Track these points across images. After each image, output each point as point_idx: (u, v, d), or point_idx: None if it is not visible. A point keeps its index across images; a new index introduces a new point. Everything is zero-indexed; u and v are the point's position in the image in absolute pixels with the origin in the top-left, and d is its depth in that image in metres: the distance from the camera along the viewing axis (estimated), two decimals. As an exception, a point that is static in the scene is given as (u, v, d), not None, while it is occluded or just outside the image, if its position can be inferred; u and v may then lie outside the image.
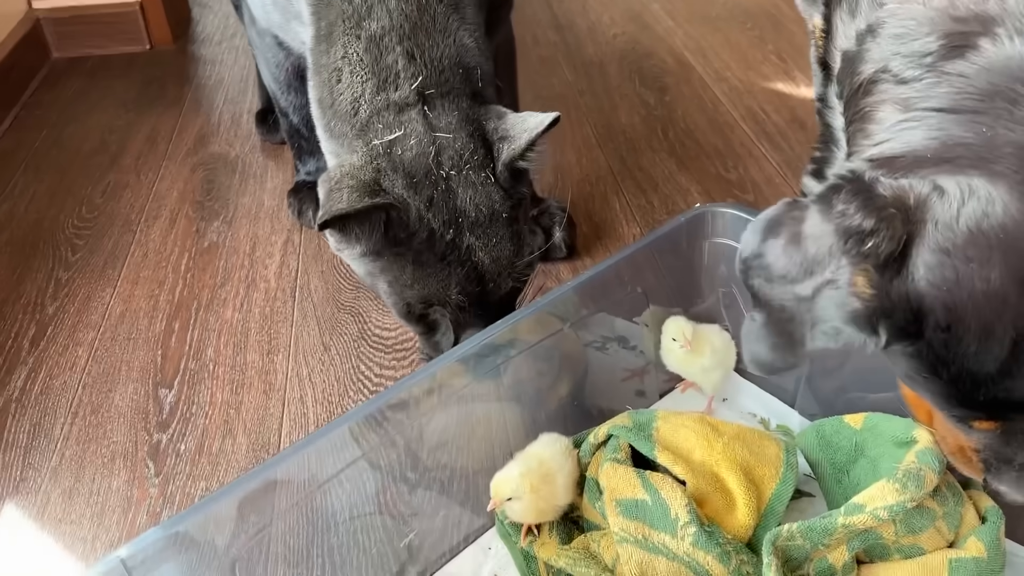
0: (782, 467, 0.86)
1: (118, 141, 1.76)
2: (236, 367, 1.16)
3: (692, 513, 0.77)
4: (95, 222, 1.50)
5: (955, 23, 0.64)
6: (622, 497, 0.81)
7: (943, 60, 0.63)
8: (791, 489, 0.84)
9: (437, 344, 1.03)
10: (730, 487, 0.83)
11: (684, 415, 0.90)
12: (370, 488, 0.96)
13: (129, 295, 1.32)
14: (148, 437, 1.07)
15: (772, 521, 0.83)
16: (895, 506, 0.73)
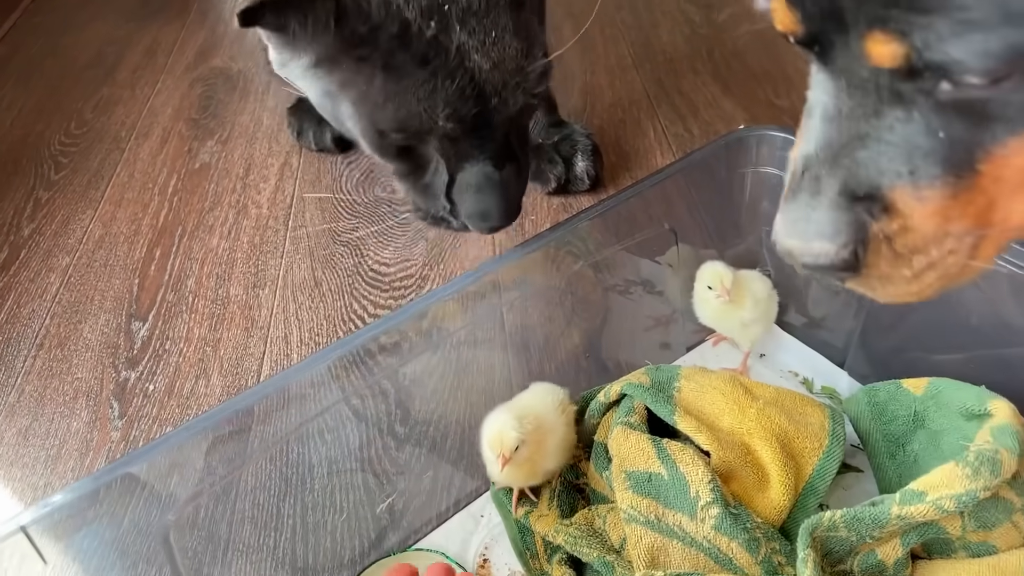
0: (827, 439, 0.73)
1: (116, 53, 1.64)
2: (217, 300, 1.05)
3: (716, 491, 0.64)
4: (83, 139, 1.39)
5: None
6: (633, 469, 0.68)
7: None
8: (836, 465, 0.71)
9: (428, 188, 0.82)
10: (763, 461, 0.70)
11: (712, 374, 0.77)
12: (353, 441, 0.85)
13: (111, 218, 1.21)
14: (115, 374, 0.97)
15: (812, 501, 0.70)
16: (964, 495, 0.59)
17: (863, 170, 0.42)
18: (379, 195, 1.21)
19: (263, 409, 0.78)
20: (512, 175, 0.80)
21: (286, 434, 0.80)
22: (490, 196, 0.79)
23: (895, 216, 0.42)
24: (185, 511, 0.75)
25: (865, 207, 0.42)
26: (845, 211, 0.43)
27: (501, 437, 0.71)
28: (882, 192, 0.42)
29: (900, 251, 0.43)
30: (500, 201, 0.81)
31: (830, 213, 0.43)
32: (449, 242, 1.12)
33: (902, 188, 0.42)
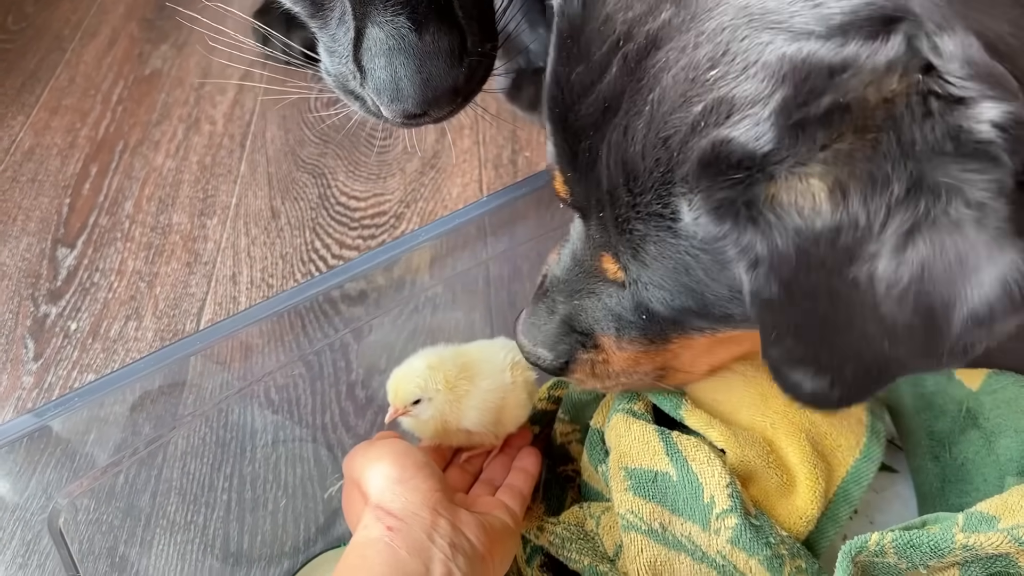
0: (864, 435, 0.61)
1: (65, -59, 1.46)
2: (157, 228, 0.91)
3: (735, 497, 0.53)
4: (20, 35, 1.22)
5: None
6: (636, 466, 0.56)
7: None
8: (875, 468, 0.60)
9: (332, 41, 0.67)
10: (789, 461, 0.59)
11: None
12: (304, 404, 0.74)
13: (44, 127, 1.05)
14: (34, 309, 0.83)
15: (844, 510, 0.59)
16: None
17: (584, 314, 0.52)
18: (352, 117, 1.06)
19: (202, 360, 0.66)
20: (443, 45, 0.61)
21: (227, 392, 0.68)
22: (403, 63, 0.61)
23: (600, 352, 0.53)
24: (103, 477, 0.64)
25: (580, 338, 0.53)
26: (566, 335, 0.53)
27: (397, 386, 0.59)
28: (594, 333, 0.53)
29: (597, 374, 0.54)
30: (417, 73, 0.61)
31: (555, 333, 0.54)
32: (430, 177, 0.98)
33: (608, 337, 0.52)
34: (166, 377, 0.64)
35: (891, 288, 0.34)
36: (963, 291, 0.33)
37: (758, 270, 0.36)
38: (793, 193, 0.34)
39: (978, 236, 0.33)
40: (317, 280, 0.67)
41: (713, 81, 0.36)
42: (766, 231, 0.35)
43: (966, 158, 0.33)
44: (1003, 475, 0.61)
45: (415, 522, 0.49)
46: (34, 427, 0.59)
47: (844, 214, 0.34)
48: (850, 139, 0.33)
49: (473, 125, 1.05)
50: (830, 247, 0.34)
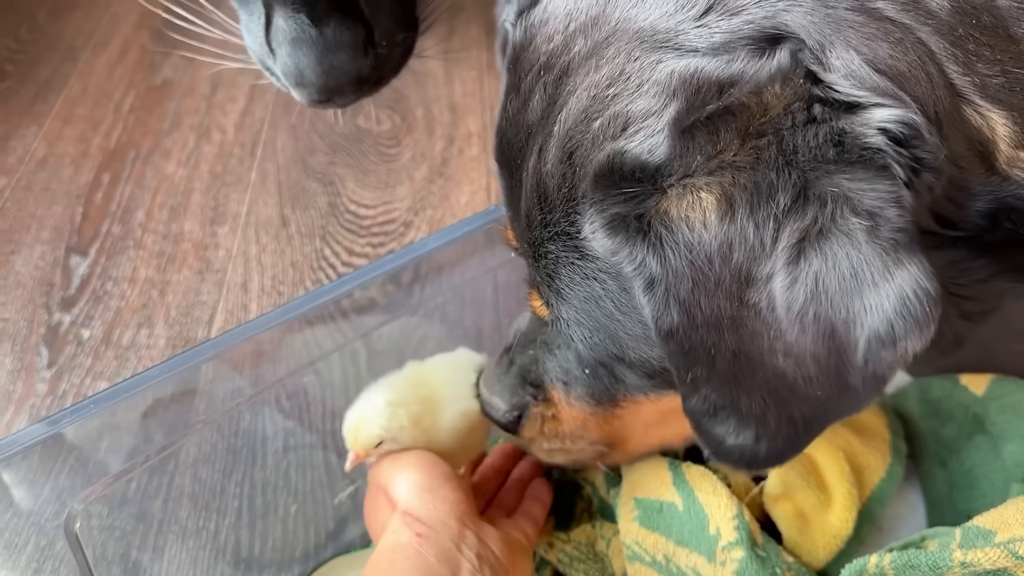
0: (889, 455, 0.62)
1: (77, -48, 1.47)
2: (169, 237, 0.91)
3: (741, 529, 0.53)
4: (33, 46, 1.24)
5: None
6: (644, 496, 0.56)
7: None
8: (896, 487, 0.60)
9: (249, 23, 0.71)
10: (828, 479, 0.59)
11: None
12: (315, 411, 0.74)
13: (57, 136, 1.06)
14: (48, 317, 0.84)
15: (866, 529, 0.59)
16: None
17: (535, 365, 0.52)
18: (361, 126, 1.07)
19: (213, 368, 0.66)
20: (344, 39, 0.65)
21: (238, 399, 0.69)
22: (304, 54, 0.65)
23: (551, 406, 0.53)
24: (116, 484, 0.64)
25: (533, 391, 0.52)
26: (521, 388, 0.53)
27: (357, 430, 0.55)
28: (546, 387, 0.52)
29: (546, 433, 0.54)
30: (317, 64, 0.65)
31: (512, 385, 0.53)
32: (438, 185, 0.98)
33: (558, 391, 0.51)
34: (178, 385, 0.65)
35: (790, 310, 0.33)
36: (862, 308, 0.32)
37: (655, 291, 0.34)
38: (683, 205, 0.34)
39: (872, 247, 0.32)
40: (327, 288, 0.68)
41: (611, 98, 0.37)
42: (657, 246, 0.34)
43: (852, 166, 0.32)
44: (1009, 481, 0.61)
45: (444, 530, 0.49)
46: (48, 435, 0.59)
47: (733, 227, 0.33)
48: (735, 148, 0.33)
49: (481, 133, 1.06)
50: (724, 265, 0.33)
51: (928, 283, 0.31)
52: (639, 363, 0.43)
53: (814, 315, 0.33)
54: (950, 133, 0.35)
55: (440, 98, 1.12)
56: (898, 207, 0.31)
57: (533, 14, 0.44)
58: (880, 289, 0.32)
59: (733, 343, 0.35)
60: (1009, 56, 0.35)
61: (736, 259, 0.33)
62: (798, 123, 0.32)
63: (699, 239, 0.33)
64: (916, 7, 0.35)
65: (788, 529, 0.57)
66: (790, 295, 0.33)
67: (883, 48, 0.34)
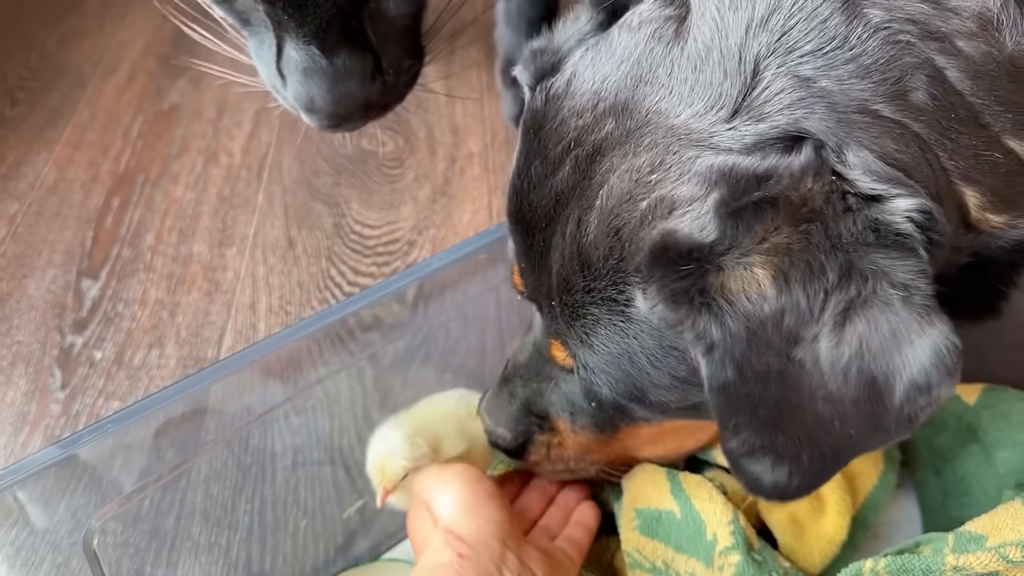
0: (882, 463, 0.63)
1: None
2: (178, 259, 0.93)
3: (737, 534, 0.54)
4: (43, 73, 1.26)
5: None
6: (644, 505, 0.58)
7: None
8: (889, 493, 0.62)
9: (259, 48, 0.73)
10: (822, 488, 0.60)
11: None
12: (323, 427, 0.75)
13: (67, 162, 1.09)
14: (60, 339, 0.86)
15: (861, 535, 0.61)
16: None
17: (540, 398, 0.56)
18: (365, 148, 1.10)
19: (223, 388, 0.68)
20: (354, 68, 0.68)
21: (248, 417, 0.70)
22: (315, 83, 0.67)
23: (556, 435, 0.57)
24: (130, 502, 0.66)
25: (538, 421, 0.57)
26: (524, 418, 0.57)
27: (383, 466, 0.58)
28: (551, 417, 0.56)
29: (552, 458, 0.58)
30: (328, 93, 0.67)
31: (516, 415, 0.57)
32: (441, 205, 1.00)
33: (564, 420, 0.56)
34: (189, 404, 0.66)
35: (835, 366, 0.38)
36: (901, 362, 0.37)
37: (714, 354, 0.39)
38: (740, 281, 0.38)
39: (908, 312, 0.37)
40: (333, 308, 0.70)
41: (655, 183, 0.41)
42: (719, 316, 0.38)
43: (888, 248, 0.38)
44: (1002, 488, 0.62)
45: (485, 551, 0.49)
46: (63, 456, 0.61)
47: (787, 298, 0.38)
48: (785, 232, 0.38)
49: (482, 153, 1.08)
50: (776, 329, 0.38)
51: (955, 338, 0.37)
52: (657, 405, 0.48)
53: (858, 369, 0.38)
54: (947, 208, 0.41)
55: (442, 119, 1.14)
56: (925, 278, 0.37)
57: (556, 84, 0.47)
58: (915, 345, 0.37)
59: (777, 393, 0.39)
60: (981, 142, 0.41)
61: (787, 324, 0.38)
62: (838, 212, 0.38)
63: (756, 308, 0.38)
64: (907, 106, 0.39)
65: (783, 535, 0.58)
66: (836, 354, 0.38)
67: (889, 144, 0.39)
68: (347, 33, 0.66)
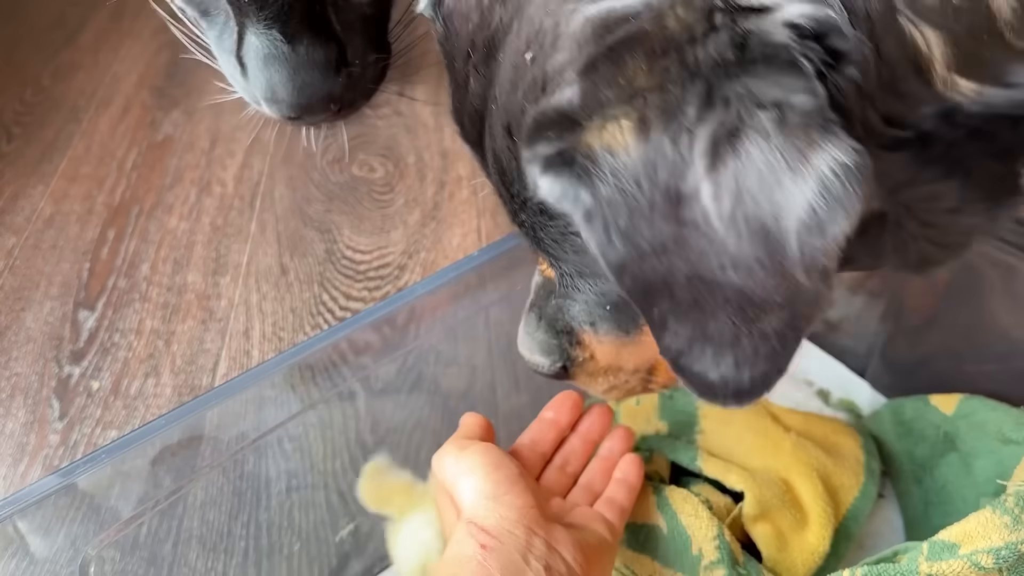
0: (863, 474, 0.64)
1: (79, 15, 1.52)
2: (173, 288, 0.95)
3: (722, 549, 0.55)
4: (38, 107, 1.28)
5: None
6: (632, 520, 0.59)
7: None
8: (871, 504, 0.63)
9: (219, 36, 0.71)
10: (804, 499, 0.62)
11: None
12: (316, 451, 0.77)
13: (63, 195, 1.10)
14: (58, 370, 0.87)
15: (844, 546, 0.62)
16: (1003, 549, 0.51)
17: (563, 314, 0.53)
18: (356, 174, 1.11)
19: (218, 414, 0.69)
20: (317, 57, 0.66)
21: (242, 443, 0.72)
22: (277, 71, 0.66)
23: (585, 348, 0.54)
24: (127, 529, 0.67)
25: (567, 338, 0.54)
26: (554, 339, 0.55)
27: (425, 566, 0.58)
28: (575, 331, 0.54)
29: (591, 372, 0.55)
30: (289, 81, 0.66)
31: (545, 338, 0.55)
32: (431, 228, 1.02)
33: (587, 332, 0.53)
34: (184, 432, 0.68)
35: (722, 218, 0.32)
36: (783, 197, 0.31)
37: (593, 225, 0.34)
38: (603, 136, 0.34)
39: (781, 136, 0.31)
40: (325, 334, 0.71)
41: (530, 62, 0.37)
42: (586, 179, 0.34)
43: (755, 64, 0.32)
44: (980, 496, 0.63)
45: (510, 541, 0.47)
46: (62, 485, 0.62)
47: (650, 147, 0.33)
48: (643, 75, 0.33)
49: (471, 176, 1.10)
50: (653, 187, 0.33)
51: (847, 158, 0.31)
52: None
53: (744, 218, 0.32)
54: (883, 36, 0.34)
55: (431, 144, 1.16)
56: (808, 95, 0.31)
57: (445, 1, 0.44)
58: (797, 175, 0.31)
59: (684, 267, 0.35)
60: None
61: (662, 178, 0.33)
62: (698, 35, 0.32)
63: (623, 165, 0.34)
64: None
65: (767, 547, 0.59)
66: (719, 204, 0.32)
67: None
68: (310, 19, 0.64)
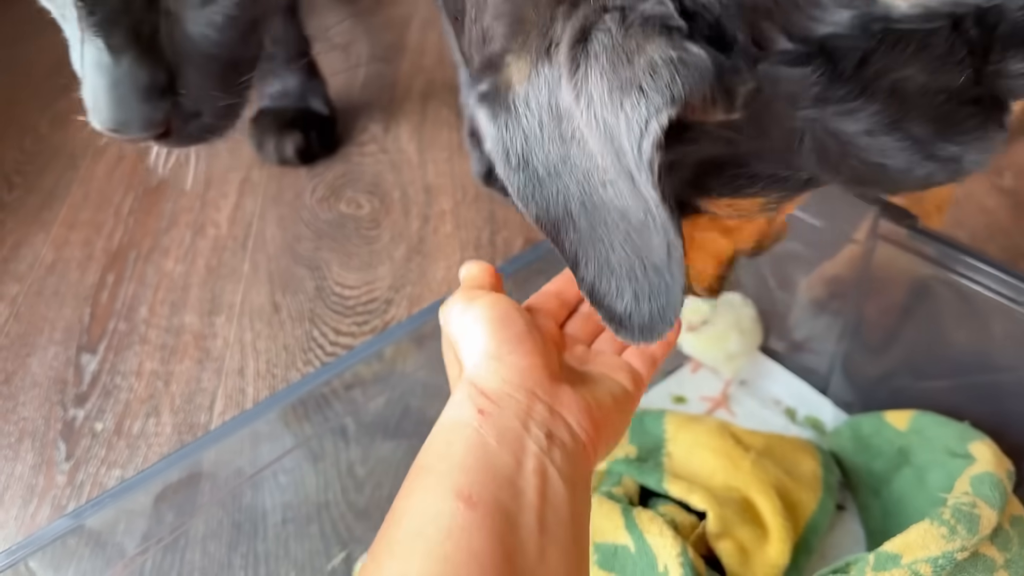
0: (821, 489, 0.69)
1: (74, 63, 1.57)
2: (171, 330, 0.99)
3: (686, 566, 0.59)
4: (38, 156, 1.33)
5: None
6: (602, 540, 0.63)
7: None
8: (828, 518, 0.67)
9: (72, 43, 0.70)
10: (764, 515, 0.66)
11: (699, 426, 0.72)
12: (309, 483, 0.81)
13: (64, 242, 1.15)
14: (63, 413, 0.92)
15: (804, 558, 0.66)
16: (940, 558, 0.55)
17: None
18: (343, 211, 1.16)
19: (216, 453, 0.74)
20: (138, 77, 0.64)
21: (240, 479, 0.76)
22: (100, 81, 0.65)
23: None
24: (133, 565, 0.71)
25: None
26: None
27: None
28: None
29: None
30: (107, 93, 0.65)
31: None
32: (416, 263, 1.07)
33: None
34: (185, 471, 0.72)
35: (588, 125, 0.34)
36: (618, 97, 0.33)
37: (497, 152, 0.37)
38: (510, 72, 0.37)
39: (621, 37, 0.33)
40: (316, 373, 0.75)
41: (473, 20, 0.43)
42: (498, 111, 0.37)
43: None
44: (933, 507, 0.67)
45: (509, 406, 0.43)
46: (71, 528, 0.67)
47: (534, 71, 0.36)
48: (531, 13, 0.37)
49: (454, 210, 1.14)
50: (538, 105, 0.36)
51: (673, 52, 0.32)
52: None
53: (600, 121, 0.33)
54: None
55: (415, 180, 1.21)
56: (655, 2, 0.33)
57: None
58: (626, 71, 0.32)
59: (576, 190, 0.36)
60: None
61: (543, 97, 0.35)
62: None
63: (520, 93, 0.36)
64: None
65: (730, 562, 0.63)
66: (583, 111, 0.33)
67: None
68: (137, 37, 0.64)
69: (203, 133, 0.73)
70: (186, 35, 0.66)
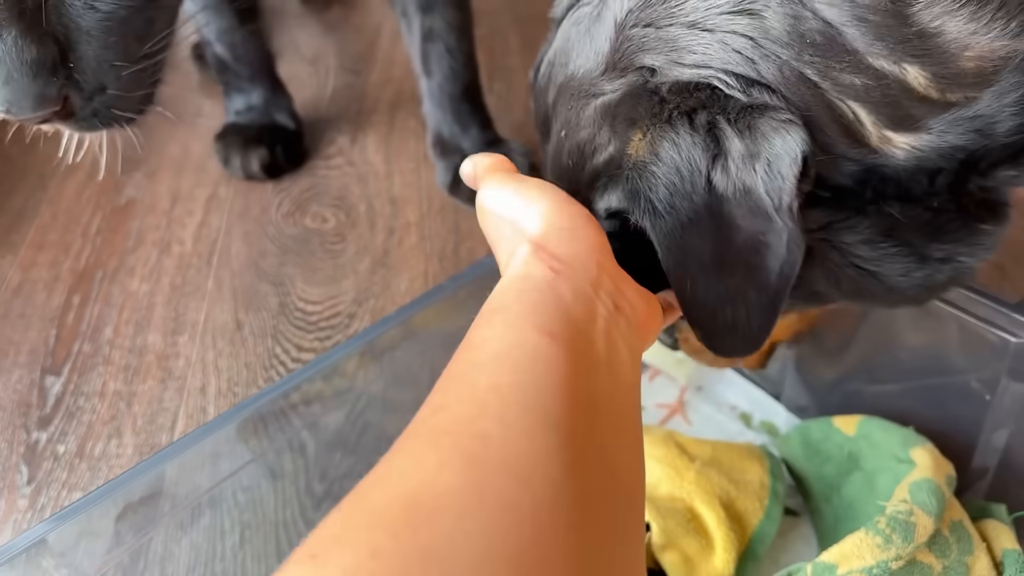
0: (767, 497, 0.69)
1: (45, 82, 1.58)
2: (134, 350, 1.00)
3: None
4: (7, 178, 1.33)
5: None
6: None
7: None
8: (776, 526, 0.67)
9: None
10: (708, 525, 0.66)
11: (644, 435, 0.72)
12: (267, 502, 0.81)
13: (31, 263, 1.15)
14: (26, 436, 0.92)
15: (751, 567, 0.66)
16: (874, 568, 0.56)
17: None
18: (309, 225, 1.16)
19: (175, 469, 0.74)
20: (26, 54, 0.62)
21: (198, 496, 0.76)
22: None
23: (680, 331, 0.69)
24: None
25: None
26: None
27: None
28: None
29: (693, 347, 0.70)
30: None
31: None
32: (380, 275, 1.07)
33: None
34: (144, 489, 0.72)
35: (732, 190, 0.44)
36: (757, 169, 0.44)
37: (653, 221, 0.47)
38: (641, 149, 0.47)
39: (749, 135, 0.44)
40: (274, 387, 0.75)
41: (566, 136, 0.53)
42: (636, 179, 0.47)
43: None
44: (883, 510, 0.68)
45: (581, 270, 0.43)
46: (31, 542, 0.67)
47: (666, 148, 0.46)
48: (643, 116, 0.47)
49: (419, 222, 1.15)
50: (679, 170, 0.45)
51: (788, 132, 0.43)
52: None
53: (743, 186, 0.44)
54: (818, 112, 0.44)
55: (381, 192, 1.21)
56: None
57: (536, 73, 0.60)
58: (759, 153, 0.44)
59: (710, 224, 0.45)
60: (846, 64, 0.43)
61: (686, 172, 0.45)
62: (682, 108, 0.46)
63: (663, 158, 0.46)
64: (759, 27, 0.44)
65: (675, 574, 0.64)
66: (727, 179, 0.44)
67: (717, 51, 0.46)
68: (20, 12, 0.62)
69: (112, 110, 0.70)
70: (77, 9, 0.64)
